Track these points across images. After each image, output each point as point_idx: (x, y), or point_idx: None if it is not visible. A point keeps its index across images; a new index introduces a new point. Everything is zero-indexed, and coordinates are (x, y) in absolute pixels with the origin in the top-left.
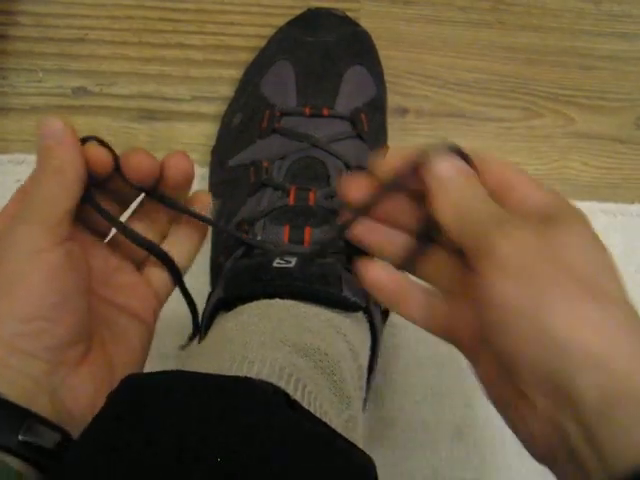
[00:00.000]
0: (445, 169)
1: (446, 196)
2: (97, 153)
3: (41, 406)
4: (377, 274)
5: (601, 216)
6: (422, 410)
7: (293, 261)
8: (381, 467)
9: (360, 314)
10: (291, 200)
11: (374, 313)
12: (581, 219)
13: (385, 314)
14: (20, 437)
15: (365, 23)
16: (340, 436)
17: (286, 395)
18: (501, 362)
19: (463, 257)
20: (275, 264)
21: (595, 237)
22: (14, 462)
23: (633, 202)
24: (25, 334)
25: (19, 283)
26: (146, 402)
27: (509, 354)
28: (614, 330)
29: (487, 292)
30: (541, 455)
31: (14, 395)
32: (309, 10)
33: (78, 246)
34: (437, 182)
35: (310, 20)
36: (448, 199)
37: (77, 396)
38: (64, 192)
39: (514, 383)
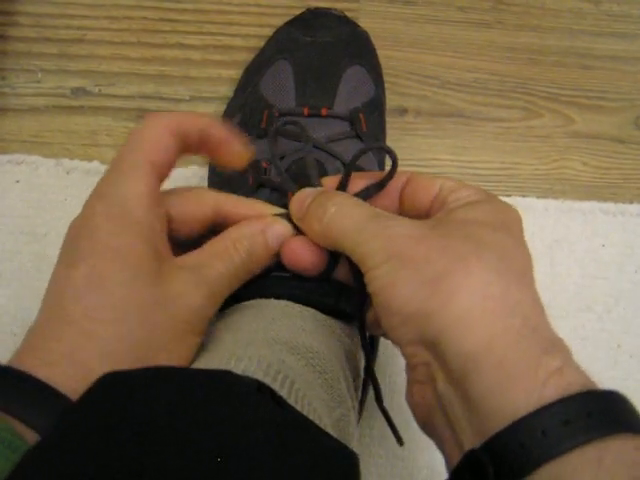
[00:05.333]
0: (296, 204)
1: (310, 222)
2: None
3: None
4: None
5: (600, 216)
6: None
7: (291, 272)
8: (380, 467)
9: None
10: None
11: None
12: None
13: None
14: None
15: (364, 23)
16: (323, 432)
17: (272, 392)
18: (391, 337)
19: None
20: (273, 274)
21: (504, 224)
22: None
23: (632, 202)
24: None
25: None
26: (118, 399)
27: (390, 328)
28: (476, 294)
29: (368, 282)
30: (423, 421)
31: None
32: (308, 10)
33: None
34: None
35: (309, 20)
36: (312, 224)
37: None
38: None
39: (404, 354)
